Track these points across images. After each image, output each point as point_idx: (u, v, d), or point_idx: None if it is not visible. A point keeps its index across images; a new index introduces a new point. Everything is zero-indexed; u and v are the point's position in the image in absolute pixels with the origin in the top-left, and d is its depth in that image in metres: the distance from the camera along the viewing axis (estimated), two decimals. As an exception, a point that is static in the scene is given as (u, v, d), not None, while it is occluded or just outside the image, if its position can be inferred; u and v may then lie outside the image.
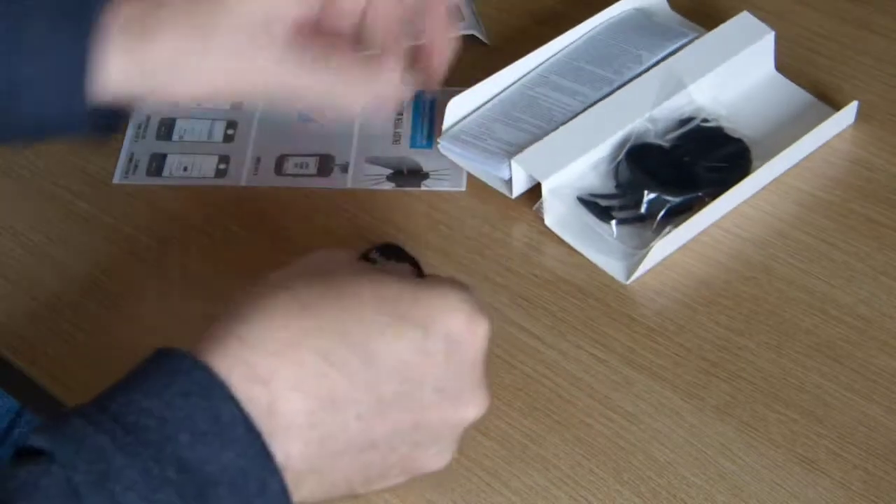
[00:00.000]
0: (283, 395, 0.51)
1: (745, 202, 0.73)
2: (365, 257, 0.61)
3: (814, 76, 0.78)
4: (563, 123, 0.75)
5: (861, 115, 0.77)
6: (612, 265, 0.70)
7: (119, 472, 0.48)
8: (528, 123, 0.76)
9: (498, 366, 0.66)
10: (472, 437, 0.63)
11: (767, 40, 0.78)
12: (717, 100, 0.76)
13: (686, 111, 0.75)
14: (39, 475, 0.48)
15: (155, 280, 0.72)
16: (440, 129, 0.77)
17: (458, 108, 0.77)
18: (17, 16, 0.62)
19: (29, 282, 0.72)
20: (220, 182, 0.77)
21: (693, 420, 0.64)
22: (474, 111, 0.78)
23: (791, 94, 0.78)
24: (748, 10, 0.79)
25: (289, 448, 0.51)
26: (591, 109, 0.75)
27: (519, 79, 0.79)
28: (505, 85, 0.79)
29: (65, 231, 0.74)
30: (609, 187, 0.73)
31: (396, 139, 0.79)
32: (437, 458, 0.56)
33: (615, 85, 0.77)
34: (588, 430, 0.64)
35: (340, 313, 0.53)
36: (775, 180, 0.74)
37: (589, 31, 0.81)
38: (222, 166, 0.78)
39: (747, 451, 0.62)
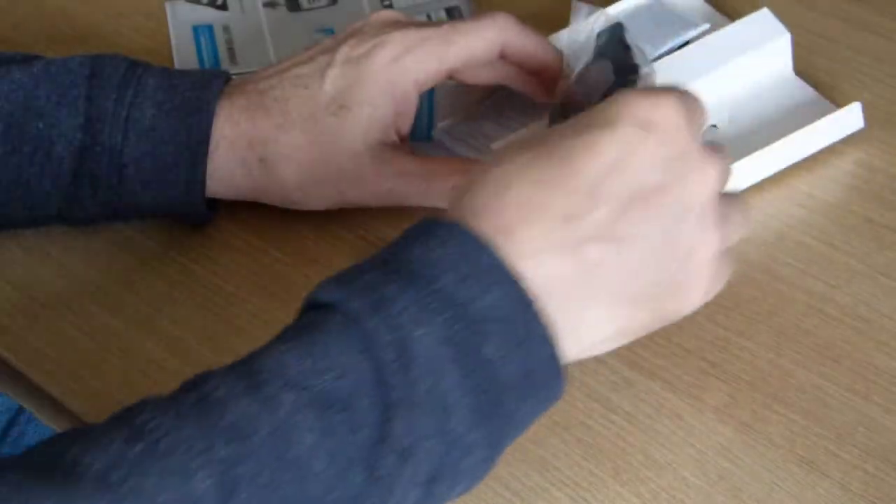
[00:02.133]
0: (522, 227, 0.52)
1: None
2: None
3: (813, 76, 0.78)
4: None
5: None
6: None
7: (393, 300, 0.50)
8: (515, 121, 0.76)
9: (498, 366, 0.66)
10: (471, 439, 0.63)
11: (783, 41, 0.77)
12: (718, 100, 0.76)
13: None
14: (325, 314, 0.50)
15: (155, 281, 0.72)
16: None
17: (453, 102, 0.77)
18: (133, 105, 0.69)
19: (29, 282, 0.72)
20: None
21: (692, 421, 0.64)
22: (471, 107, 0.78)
23: (800, 95, 0.77)
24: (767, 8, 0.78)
25: (545, 270, 0.52)
26: None
27: None
28: None
29: (65, 231, 0.74)
30: None
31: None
32: (707, 285, 0.57)
33: None
34: (588, 431, 0.64)
35: (568, 181, 0.53)
36: (775, 181, 0.74)
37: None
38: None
39: (747, 452, 0.62)
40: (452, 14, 0.86)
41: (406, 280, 0.50)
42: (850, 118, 0.75)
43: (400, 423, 0.49)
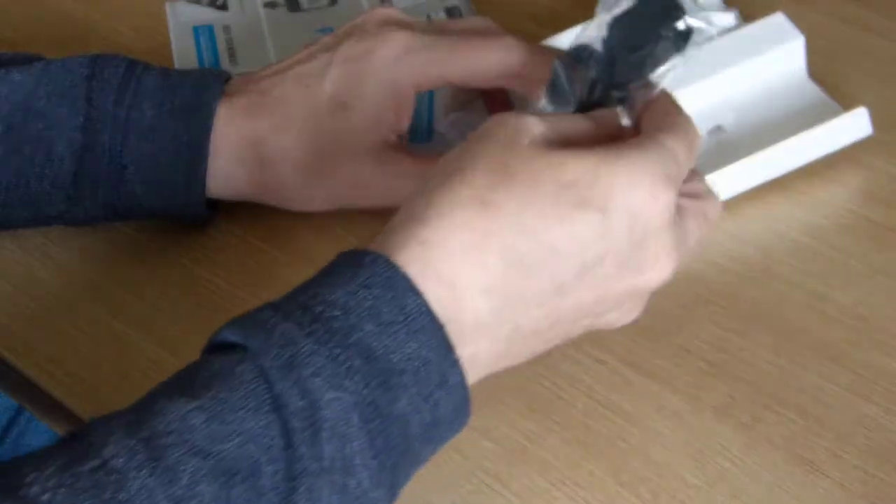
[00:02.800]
0: (468, 297, 0.52)
1: (744, 203, 0.73)
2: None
3: (817, 77, 0.78)
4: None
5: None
6: None
7: (307, 358, 0.48)
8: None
9: (497, 367, 0.66)
10: (471, 439, 0.63)
11: (796, 45, 0.77)
12: (727, 100, 0.76)
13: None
14: (234, 363, 0.49)
15: (155, 281, 0.72)
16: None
17: (453, 101, 0.77)
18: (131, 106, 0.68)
19: (29, 282, 0.72)
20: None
21: (692, 421, 0.64)
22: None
23: (812, 99, 0.77)
24: (782, 12, 0.77)
25: (477, 346, 0.52)
26: None
27: None
28: None
29: (65, 231, 0.74)
30: None
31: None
32: (621, 320, 0.57)
33: None
34: (587, 431, 0.64)
35: (521, 207, 0.52)
36: (775, 181, 0.74)
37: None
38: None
39: (746, 452, 0.62)
40: (452, 14, 0.86)
41: (323, 334, 0.49)
42: (858, 125, 0.75)
43: (304, 492, 0.48)
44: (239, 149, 0.68)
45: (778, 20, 0.77)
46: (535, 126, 0.55)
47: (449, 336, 0.51)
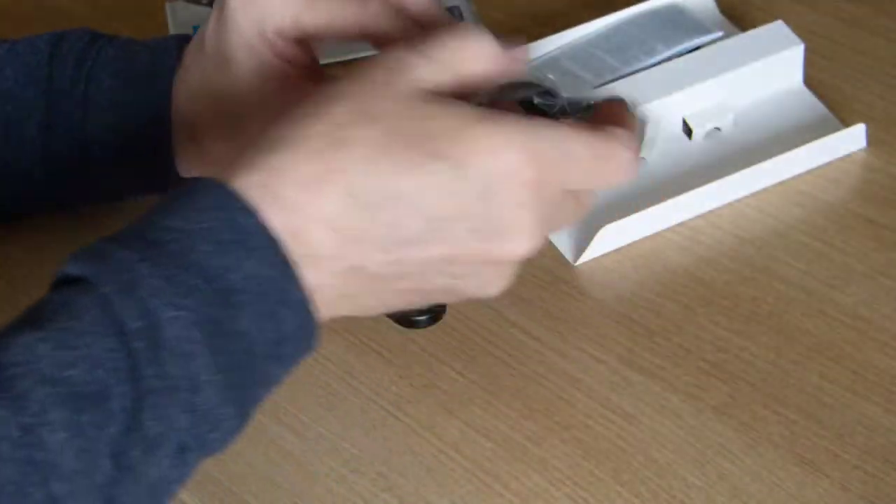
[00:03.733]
0: (308, 227, 0.51)
1: (744, 203, 0.73)
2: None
3: (813, 77, 0.78)
4: None
5: (860, 116, 0.77)
6: (563, 242, 0.72)
7: (145, 281, 0.49)
8: None
9: (497, 367, 0.66)
10: (471, 439, 0.63)
11: (795, 52, 0.77)
12: (724, 103, 0.76)
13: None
14: (76, 293, 0.49)
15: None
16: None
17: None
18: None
19: (29, 282, 0.72)
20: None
21: (692, 421, 0.64)
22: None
23: (808, 107, 0.77)
24: (782, 20, 0.78)
25: (317, 276, 0.52)
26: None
27: (535, 59, 0.80)
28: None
29: (65, 231, 0.74)
30: None
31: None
32: (484, 289, 0.55)
33: (618, 74, 0.78)
34: (587, 432, 0.64)
35: (373, 148, 0.52)
36: (775, 181, 0.74)
37: (619, 20, 0.81)
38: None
39: (747, 452, 0.62)
40: (452, 14, 0.86)
41: (160, 257, 0.49)
42: (853, 138, 0.75)
43: (150, 411, 0.48)
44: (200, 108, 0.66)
45: (778, 27, 0.77)
46: (417, 69, 0.54)
47: (288, 254, 0.51)
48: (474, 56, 0.55)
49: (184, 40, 0.68)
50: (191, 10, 0.87)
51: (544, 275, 0.71)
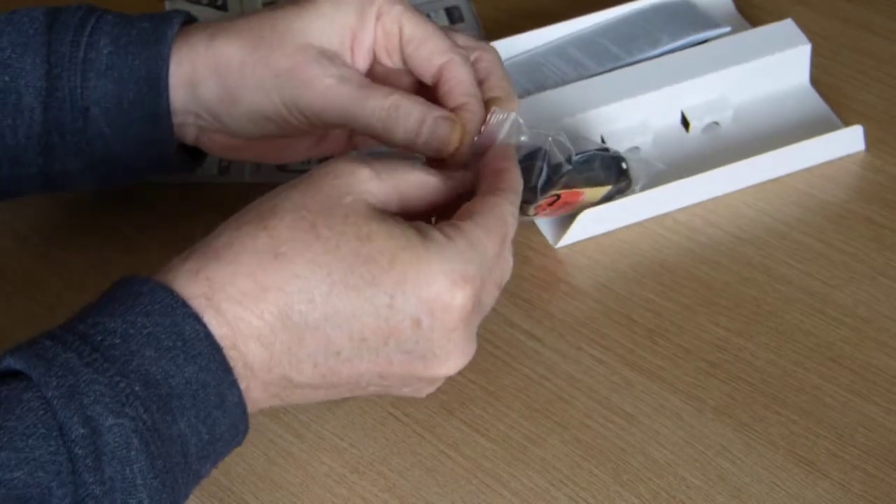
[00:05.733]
0: (243, 342, 0.53)
1: (744, 202, 0.73)
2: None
3: (813, 76, 0.78)
4: (548, 89, 0.76)
5: (860, 116, 0.77)
6: (544, 226, 0.73)
7: (87, 386, 0.50)
8: (522, 88, 0.77)
9: (497, 367, 0.66)
10: (471, 439, 0.63)
11: (802, 51, 0.77)
12: (724, 98, 0.76)
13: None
14: (20, 391, 0.50)
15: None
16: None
17: None
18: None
19: (29, 282, 0.72)
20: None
21: (692, 421, 0.64)
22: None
23: (811, 107, 0.77)
24: (791, 18, 0.78)
25: (250, 382, 0.54)
26: (576, 83, 0.76)
27: (542, 45, 0.80)
28: (526, 49, 0.80)
29: (65, 231, 0.74)
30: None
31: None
32: (413, 394, 0.59)
33: (620, 63, 0.78)
34: (587, 432, 0.64)
35: (310, 267, 0.54)
36: (775, 180, 0.74)
37: (628, 11, 0.82)
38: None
39: (747, 453, 0.62)
40: (452, 14, 0.86)
41: (102, 362, 0.51)
42: (850, 139, 0.75)
43: None
44: (201, 77, 0.65)
45: (787, 26, 0.77)
46: (366, 183, 0.56)
47: (227, 359, 0.53)
48: (417, 185, 0.58)
49: (187, 14, 0.68)
50: (190, 10, 0.87)
51: (544, 275, 0.71)
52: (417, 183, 0.58)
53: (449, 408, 0.65)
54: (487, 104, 0.64)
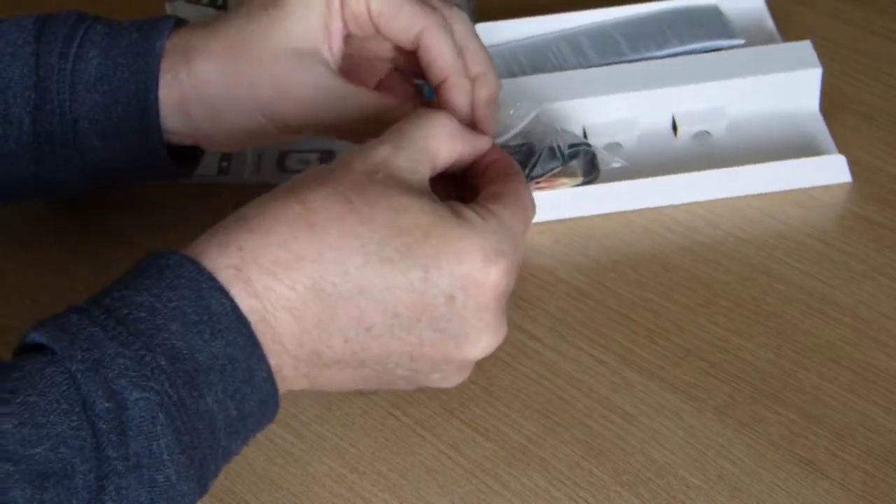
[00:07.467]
0: (273, 313, 0.53)
1: (744, 202, 0.73)
2: None
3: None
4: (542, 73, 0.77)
5: (861, 116, 0.77)
6: None
7: (112, 360, 0.49)
8: (518, 66, 0.78)
9: (497, 367, 0.66)
10: (471, 439, 0.63)
11: (811, 75, 0.76)
12: (720, 109, 0.76)
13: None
14: (44, 365, 0.49)
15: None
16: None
17: None
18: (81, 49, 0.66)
19: (29, 282, 0.72)
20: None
21: (692, 421, 0.64)
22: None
23: (809, 130, 0.76)
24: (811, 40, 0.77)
25: (279, 357, 0.53)
26: (570, 71, 0.76)
27: (557, 31, 0.81)
28: (539, 32, 0.81)
29: (65, 231, 0.74)
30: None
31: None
32: (442, 381, 0.58)
33: (622, 58, 0.78)
34: (587, 431, 0.64)
35: (345, 239, 0.53)
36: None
37: (650, 10, 0.82)
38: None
39: (747, 452, 0.62)
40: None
41: (128, 336, 0.50)
42: (836, 169, 0.74)
43: (113, 490, 0.49)
44: (185, 87, 0.65)
45: (803, 47, 0.77)
46: (391, 158, 0.56)
47: (255, 333, 0.52)
48: (436, 135, 0.57)
49: (176, 19, 0.68)
50: (191, 10, 0.87)
51: (544, 275, 0.71)
52: (436, 132, 0.57)
53: (449, 408, 0.65)
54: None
